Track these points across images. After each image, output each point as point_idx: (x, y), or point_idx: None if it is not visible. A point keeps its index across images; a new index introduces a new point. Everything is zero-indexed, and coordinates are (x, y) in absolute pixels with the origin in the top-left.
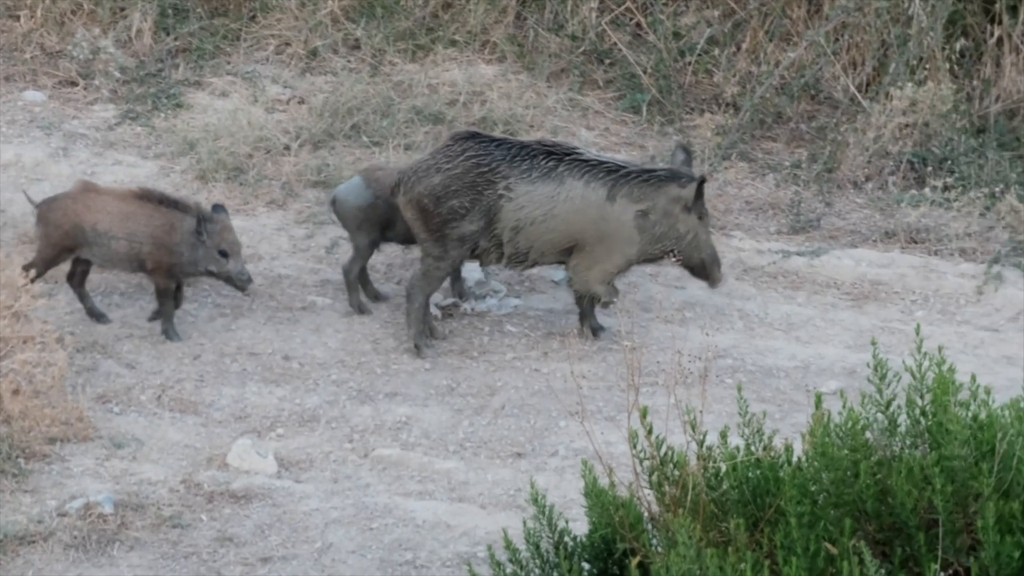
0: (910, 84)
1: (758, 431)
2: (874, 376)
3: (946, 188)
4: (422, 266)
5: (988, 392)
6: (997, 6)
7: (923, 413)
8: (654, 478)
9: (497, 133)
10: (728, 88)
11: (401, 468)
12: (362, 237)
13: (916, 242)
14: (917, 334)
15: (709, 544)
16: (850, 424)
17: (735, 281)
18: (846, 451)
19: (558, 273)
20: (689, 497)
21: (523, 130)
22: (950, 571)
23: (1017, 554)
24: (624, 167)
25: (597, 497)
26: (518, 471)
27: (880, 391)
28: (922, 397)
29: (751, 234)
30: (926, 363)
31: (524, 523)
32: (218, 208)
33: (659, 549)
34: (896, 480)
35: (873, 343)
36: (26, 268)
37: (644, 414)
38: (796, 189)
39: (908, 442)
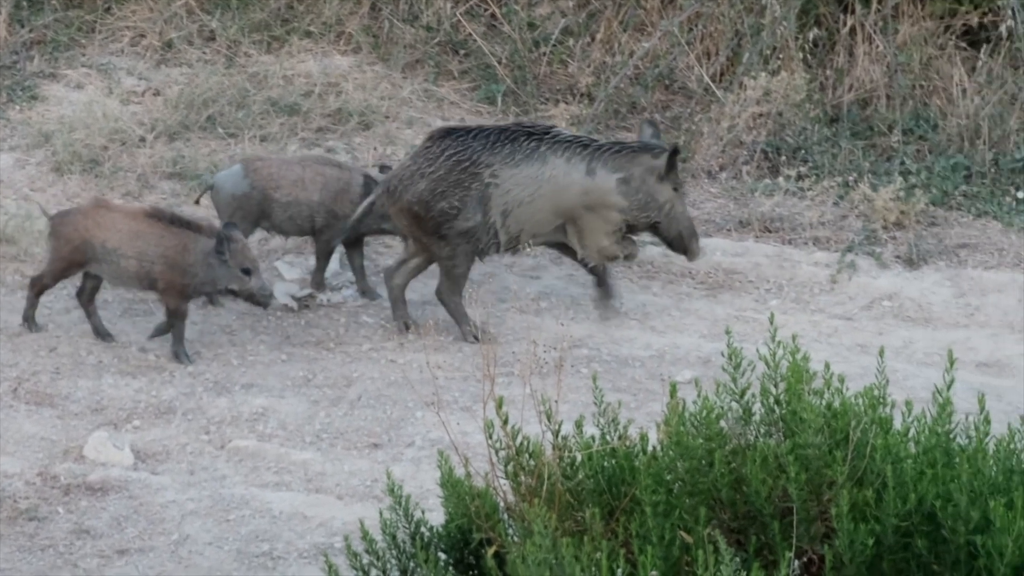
0: (764, 74)
1: (613, 421)
2: (728, 365)
3: (800, 177)
4: (441, 270)
5: (842, 380)
6: None
7: (777, 402)
8: (510, 468)
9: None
10: (583, 78)
11: (258, 459)
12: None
13: (770, 231)
14: (771, 323)
15: (565, 533)
16: (705, 413)
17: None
18: (701, 440)
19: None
20: (545, 487)
21: (378, 121)
22: (804, 559)
23: (871, 541)
24: (597, 141)
25: (453, 487)
26: (375, 462)
27: (734, 380)
28: (776, 386)
29: None
30: (780, 352)
31: (380, 514)
32: (230, 226)
33: (515, 539)
34: (750, 468)
35: (727, 332)
36: (34, 280)
37: (500, 404)
38: None
39: (762, 431)
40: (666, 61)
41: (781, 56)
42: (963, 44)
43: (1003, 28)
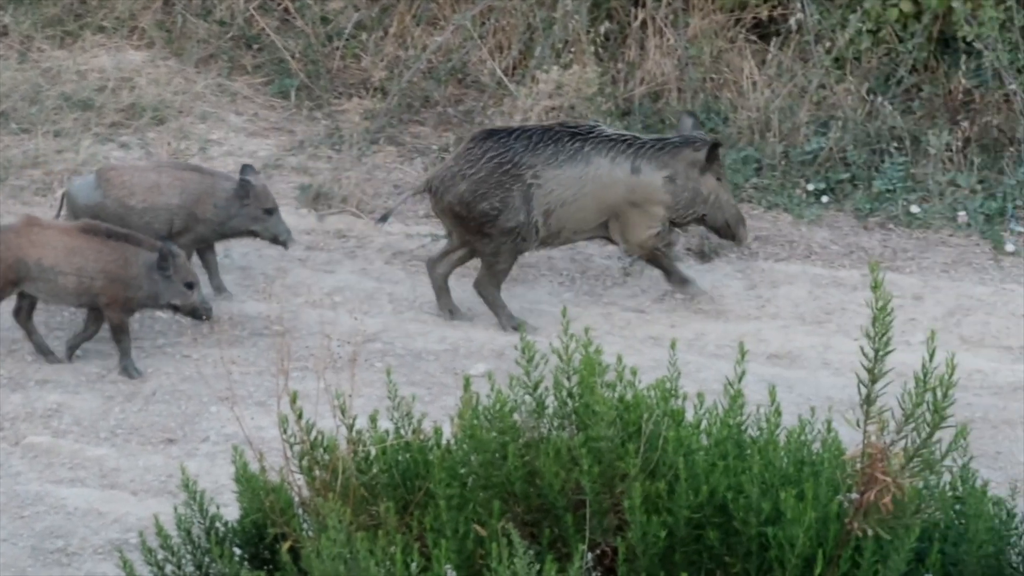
0: (556, 67)
1: (407, 414)
2: (522, 358)
3: None
4: (483, 264)
5: (634, 373)
6: None
7: (570, 394)
8: (304, 463)
9: (515, 123)
10: (376, 72)
11: (52, 455)
12: None
13: None
14: (564, 316)
15: (359, 528)
16: (498, 407)
17: (384, 265)
18: (494, 433)
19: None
20: (339, 481)
21: (172, 116)
22: (597, 551)
23: (663, 533)
24: (640, 138)
25: (248, 482)
26: (169, 457)
27: (527, 373)
28: (569, 379)
29: (400, 218)
30: (573, 345)
31: (175, 509)
32: (170, 241)
33: (310, 533)
34: (544, 462)
35: (521, 325)
36: None
37: (294, 399)
38: None
39: (556, 423)
40: (459, 55)
41: (573, 50)
42: (753, 37)
43: (792, 21)
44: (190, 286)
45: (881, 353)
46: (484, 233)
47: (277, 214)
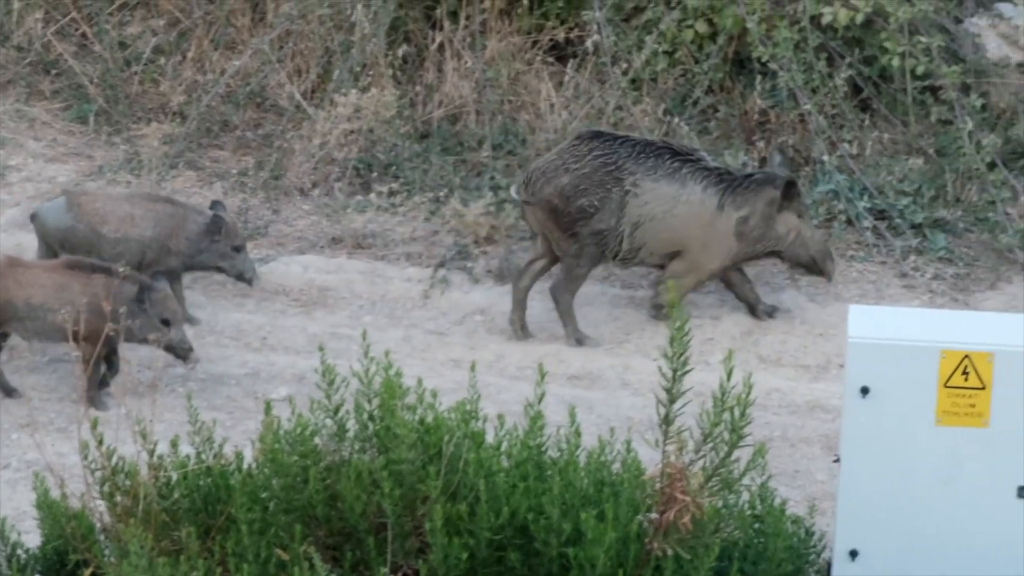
0: (354, 90)
1: (209, 439)
2: (323, 382)
3: (391, 193)
4: (563, 266)
5: (435, 395)
6: (438, 12)
7: (371, 417)
8: (106, 488)
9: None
10: (175, 97)
11: None
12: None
13: (363, 247)
14: (364, 339)
15: (161, 553)
16: (299, 430)
17: (185, 290)
18: (296, 457)
19: None
20: (141, 507)
21: None
22: (400, 574)
23: (465, 555)
24: (732, 174)
25: (49, 509)
26: None
27: (328, 396)
28: (370, 402)
29: None
30: (374, 368)
31: None
32: (157, 276)
33: (112, 559)
34: (345, 485)
35: (321, 349)
36: None
37: (95, 425)
38: (244, 196)
39: (357, 447)
40: (257, 79)
41: (371, 73)
42: (550, 59)
43: (589, 43)
44: (166, 323)
45: (679, 373)
46: (574, 232)
47: (244, 251)
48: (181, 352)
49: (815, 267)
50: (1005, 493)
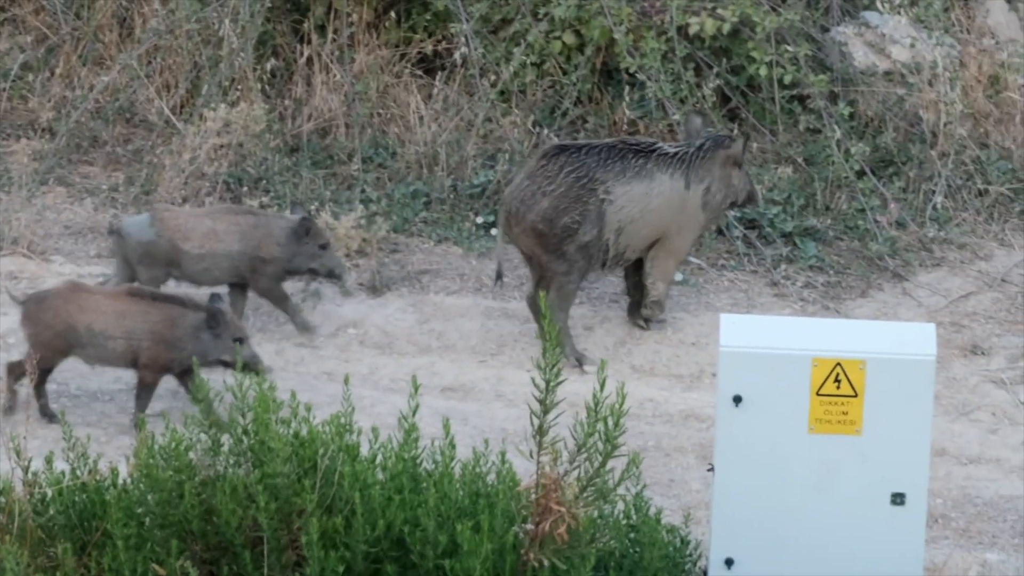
0: (223, 105)
1: (83, 455)
2: (196, 396)
3: (262, 207)
4: (554, 284)
5: (309, 409)
6: (306, 26)
7: (245, 432)
8: None
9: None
10: (43, 113)
11: None
12: (144, 271)
13: None
14: (238, 353)
15: (37, 570)
16: (174, 445)
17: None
18: (170, 472)
19: None
20: (16, 523)
21: None
22: None
23: (341, 568)
24: (689, 150)
25: None
26: None
27: (203, 411)
28: (244, 416)
29: (71, 258)
30: (248, 382)
31: None
32: (216, 298)
33: None
34: (221, 499)
35: (195, 363)
36: (12, 367)
37: None
38: (115, 212)
39: (232, 461)
40: (126, 94)
41: (240, 87)
42: (419, 72)
43: (457, 55)
44: (240, 341)
45: (552, 384)
46: (561, 250)
47: (331, 249)
48: (254, 368)
49: (748, 201)
50: (879, 500)
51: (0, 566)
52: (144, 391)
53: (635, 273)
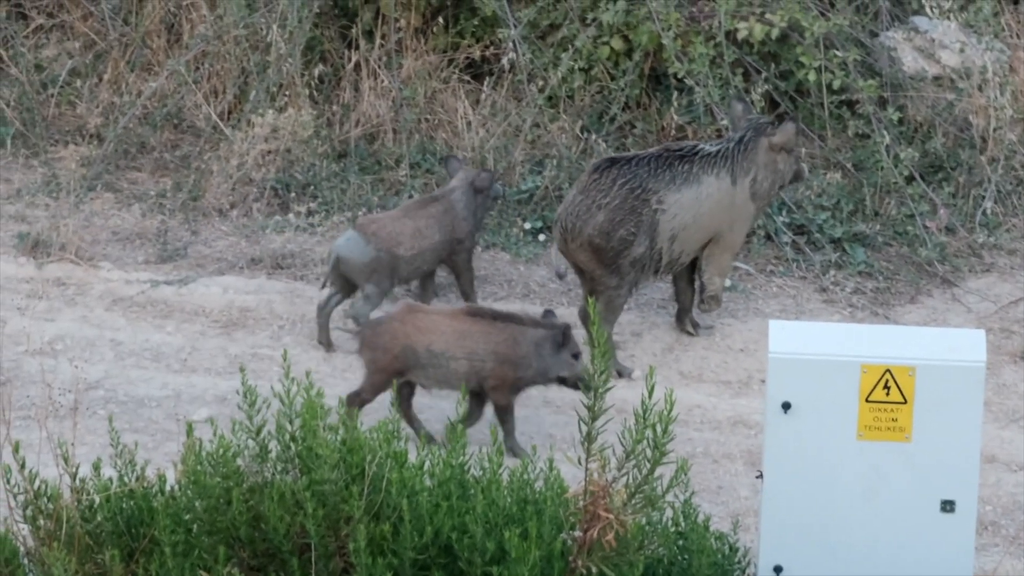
0: (271, 111)
1: (131, 462)
2: (244, 403)
3: (310, 213)
4: (602, 298)
5: (356, 415)
6: (353, 32)
7: (293, 438)
8: (28, 512)
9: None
10: (92, 119)
11: None
12: (373, 287)
13: (282, 268)
14: (285, 359)
15: None
16: (221, 452)
17: (104, 312)
18: (218, 479)
19: None
20: (64, 530)
21: None
22: None
23: (389, 575)
24: (727, 145)
25: None
26: None
27: (250, 418)
28: (291, 422)
29: (119, 264)
30: (295, 388)
31: None
32: (550, 313)
33: None
34: (268, 506)
35: (242, 370)
36: (351, 397)
37: (16, 448)
38: (162, 218)
39: (279, 467)
40: (174, 100)
41: (288, 93)
42: (467, 77)
43: (505, 61)
44: (576, 356)
45: (601, 390)
46: (616, 264)
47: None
48: (587, 383)
49: (795, 180)
50: (928, 507)
51: (48, 572)
52: (504, 414)
53: (683, 278)
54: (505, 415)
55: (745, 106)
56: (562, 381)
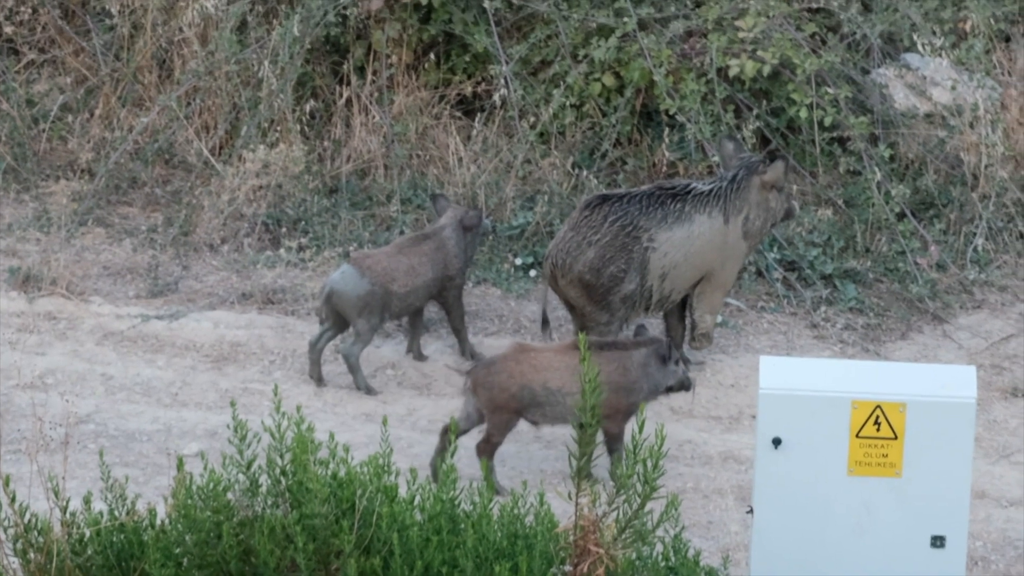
0: (262, 146)
1: (121, 496)
2: (235, 437)
3: (301, 248)
4: (593, 333)
5: (347, 449)
6: (345, 68)
7: (283, 472)
8: (19, 546)
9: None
10: (83, 154)
11: None
12: (364, 323)
13: (273, 303)
14: (276, 394)
15: None
16: (212, 486)
17: (95, 346)
18: (209, 512)
19: None
20: (54, 564)
21: None
22: None
23: None
24: (720, 184)
25: None
26: None
27: (241, 452)
28: (282, 456)
29: (110, 299)
30: (285, 423)
31: None
32: (643, 328)
33: None
34: (259, 539)
35: (232, 404)
36: (481, 446)
37: (7, 482)
38: (153, 253)
39: (270, 501)
40: (165, 135)
41: (279, 128)
42: (458, 113)
43: (496, 97)
44: (677, 362)
45: (591, 426)
46: (607, 301)
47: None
48: (689, 385)
49: (787, 218)
50: (919, 542)
51: None
52: (614, 442)
53: (674, 315)
54: (616, 443)
55: (736, 144)
56: (669, 389)
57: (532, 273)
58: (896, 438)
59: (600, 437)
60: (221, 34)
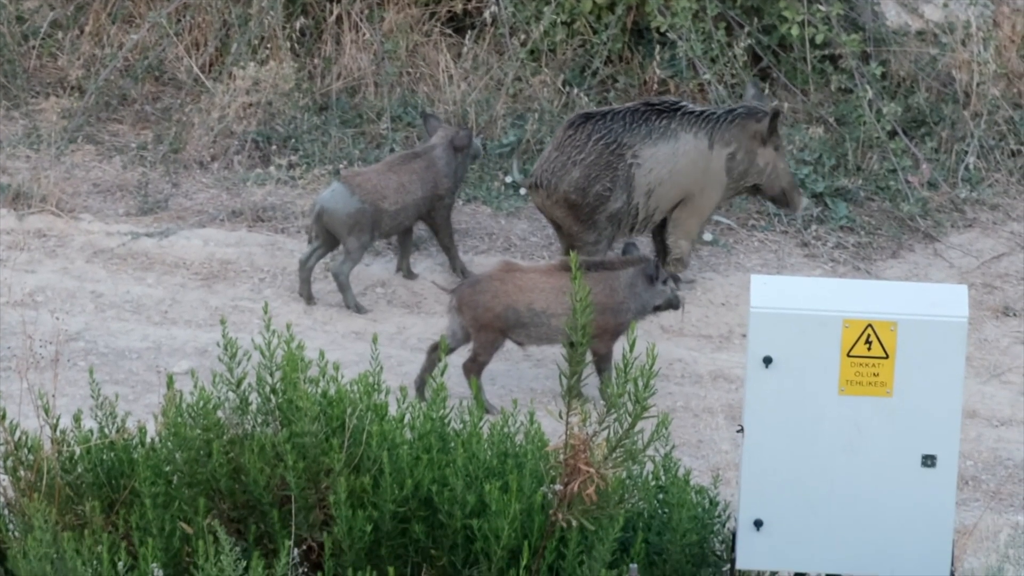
0: (252, 64)
1: (111, 414)
2: (224, 355)
3: (291, 166)
4: (581, 253)
5: (337, 368)
6: None
7: (273, 391)
8: (8, 463)
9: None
10: (73, 71)
11: None
12: (355, 240)
13: (263, 220)
14: (265, 312)
15: (66, 528)
16: (202, 404)
17: (85, 264)
18: (198, 431)
19: None
20: (44, 481)
21: None
22: (304, 546)
23: (369, 528)
24: (716, 112)
25: None
26: None
27: (231, 370)
28: (272, 375)
29: (100, 216)
30: (275, 341)
31: None
32: (632, 247)
33: (16, 534)
34: (248, 458)
35: (223, 322)
36: (468, 365)
37: None
38: (143, 171)
39: (260, 420)
40: (155, 53)
41: (269, 46)
42: (448, 31)
43: (487, 14)
44: (665, 281)
45: (582, 344)
46: (593, 220)
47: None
48: (678, 304)
49: (783, 199)
50: (908, 462)
51: (28, 523)
52: (603, 362)
53: (662, 233)
54: (604, 363)
55: (757, 91)
56: (657, 308)
57: (522, 191)
58: (887, 357)
59: (589, 356)
60: None
